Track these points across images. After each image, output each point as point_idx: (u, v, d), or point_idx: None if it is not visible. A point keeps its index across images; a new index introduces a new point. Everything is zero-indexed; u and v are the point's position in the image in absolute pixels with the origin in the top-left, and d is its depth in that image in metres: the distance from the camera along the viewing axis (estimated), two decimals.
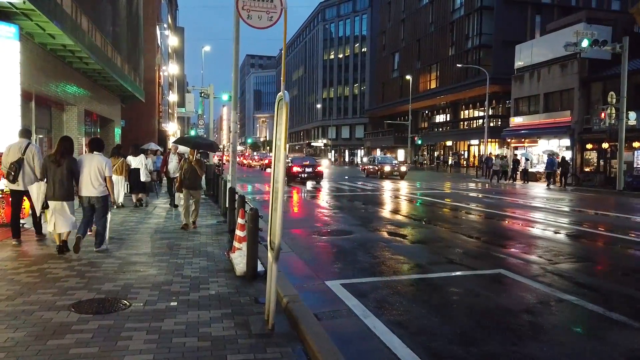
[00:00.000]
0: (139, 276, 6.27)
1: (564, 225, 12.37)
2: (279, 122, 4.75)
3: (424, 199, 18.68)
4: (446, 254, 8.54)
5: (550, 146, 31.75)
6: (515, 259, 8.17)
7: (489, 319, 5.25)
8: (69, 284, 5.81)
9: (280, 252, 4.55)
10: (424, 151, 60.88)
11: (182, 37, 71.90)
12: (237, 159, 11.34)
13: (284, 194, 4.53)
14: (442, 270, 7.40)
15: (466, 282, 6.72)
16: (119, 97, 24.26)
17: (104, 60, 16.11)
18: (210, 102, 23.37)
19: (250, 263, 6.28)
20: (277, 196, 4.50)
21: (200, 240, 8.96)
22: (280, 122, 4.71)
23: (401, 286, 6.48)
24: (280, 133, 4.58)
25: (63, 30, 11.66)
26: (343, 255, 8.38)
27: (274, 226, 4.62)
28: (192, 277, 6.33)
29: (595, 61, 29.15)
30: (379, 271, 7.29)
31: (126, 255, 7.44)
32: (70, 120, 16.95)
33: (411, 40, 60.82)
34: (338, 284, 6.44)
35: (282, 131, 4.48)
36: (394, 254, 8.54)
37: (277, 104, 4.81)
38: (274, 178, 4.83)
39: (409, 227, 11.57)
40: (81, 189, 7.48)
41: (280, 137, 4.56)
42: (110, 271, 6.49)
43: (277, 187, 4.57)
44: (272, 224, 4.79)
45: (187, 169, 10.24)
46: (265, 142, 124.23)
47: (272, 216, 4.76)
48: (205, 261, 7.26)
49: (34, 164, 8.00)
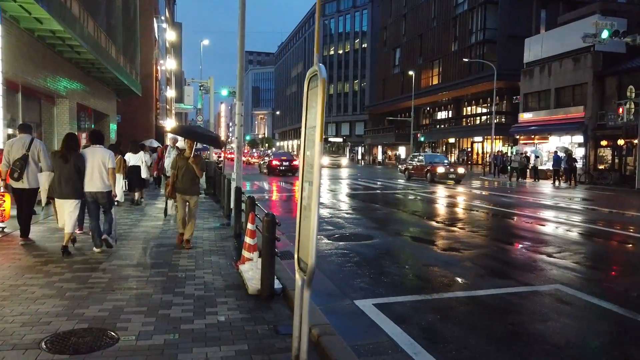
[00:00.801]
0: (132, 296, 5.19)
1: (607, 230, 11.32)
2: (311, 106, 3.68)
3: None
4: (487, 265, 7.47)
5: (562, 143, 30.67)
6: (568, 271, 7.08)
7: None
8: (45, 308, 4.74)
9: (314, 274, 3.47)
10: (424, 148, 59.80)
11: (180, 32, 70.70)
12: (242, 156, 10.22)
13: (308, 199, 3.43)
14: (489, 284, 6.33)
15: (524, 302, 5.64)
16: (115, 90, 23.17)
17: (97, 49, 15.00)
18: (211, 96, 22.27)
19: (266, 280, 5.21)
20: (311, 202, 3.41)
21: (203, 247, 7.88)
22: (312, 105, 3.64)
23: (447, 307, 5.42)
24: (314, 119, 3.51)
25: (50, 14, 10.56)
26: (368, 266, 7.30)
27: (306, 240, 3.54)
28: (195, 296, 5.25)
29: (610, 54, 28.12)
30: (415, 287, 6.23)
31: (117, 268, 6.36)
32: (61, 114, 15.85)
33: (413, 36, 59.70)
34: (370, 305, 5.37)
35: (317, 117, 3.40)
36: (425, 264, 7.48)
37: (308, 81, 3.73)
38: (303, 178, 3.75)
39: (436, 231, 10.52)
40: (86, 184, 7.15)
41: (315, 124, 3.49)
42: (97, 289, 5.41)
43: (310, 191, 3.50)
44: (301, 236, 3.72)
45: (182, 167, 7.77)
46: (264, 139, 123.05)
47: (302, 227, 3.69)
48: (211, 274, 6.18)
49: (40, 160, 7.65)
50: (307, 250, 3.46)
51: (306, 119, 3.76)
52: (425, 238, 9.69)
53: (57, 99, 15.38)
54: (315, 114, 3.48)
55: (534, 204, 16.26)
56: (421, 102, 55.05)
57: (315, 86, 3.55)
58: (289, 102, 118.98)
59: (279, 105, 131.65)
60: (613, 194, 21.37)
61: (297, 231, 3.78)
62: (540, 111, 33.26)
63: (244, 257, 6.53)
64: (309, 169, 3.61)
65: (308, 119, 3.72)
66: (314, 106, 3.55)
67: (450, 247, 8.75)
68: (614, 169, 27.78)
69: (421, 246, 9.02)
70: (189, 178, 7.76)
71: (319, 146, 3.39)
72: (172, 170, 7.97)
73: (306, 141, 3.74)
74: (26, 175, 7.56)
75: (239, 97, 9.87)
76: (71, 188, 6.96)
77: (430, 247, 8.80)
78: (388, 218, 12.55)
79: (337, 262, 7.45)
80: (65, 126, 15.55)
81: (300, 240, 3.73)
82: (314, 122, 3.54)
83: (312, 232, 3.37)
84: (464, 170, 27.90)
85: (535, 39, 34.43)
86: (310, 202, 3.44)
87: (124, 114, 27.12)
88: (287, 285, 5.49)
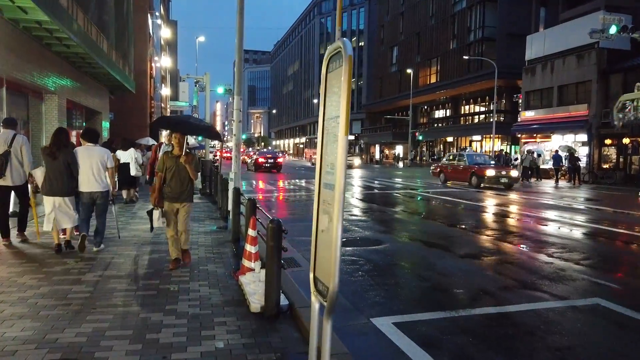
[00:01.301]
0: (116, 315, 4.50)
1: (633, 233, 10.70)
2: (331, 92, 3.00)
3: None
4: (513, 275, 6.82)
5: (565, 141, 30.07)
6: (604, 282, 6.42)
7: None
8: (12, 332, 4.04)
9: (336, 300, 2.79)
10: (422, 147, 59.20)
11: (175, 30, 69.91)
12: (240, 154, 9.51)
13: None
14: (521, 298, 5.65)
15: (564, 321, 4.96)
16: (107, 87, 22.40)
17: (87, 43, 14.25)
18: (207, 93, 21.47)
19: (271, 296, 4.53)
20: (333, 211, 2.73)
21: (199, 253, 7.19)
22: (333, 91, 2.97)
23: (478, 327, 4.75)
24: (336, 108, 2.84)
25: (35, 2, 9.82)
26: (380, 275, 6.63)
27: (325, 258, 2.87)
28: (190, 315, 4.57)
29: (614, 51, 27.55)
30: (437, 302, 5.55)
31: (101, 279, 5.66)
32: (50, 110, 15.09)
33: (410, 34, 59.04)
34: (390, 324, 4.71)
35: (342, 105, 2.73)
36: (442, 272, 6.82)
37: (327, 62, 3.06)
38: (320, 180, 3.08)
39: (449, 235, 9.87)
40: (81, 184, 6.93)
41: (337, 114, 2.82)
42: (76, 305, 4.72)
43: (331, 197, 2.82)
44: (318, 252, 3.05)
45: (171, 168, 6.18)
46: (260, 138, 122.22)
47: (320, 240, 3.03)
48: (207, 287, 5.50)
49: (23, 157, 7.34)
50: (328, 270, 2.79)
51: (324, 108, 3.09)
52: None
53: (45, 94, 14.65)
54: (338, 102, 2.81)
55: (565, 207, 15.65)
56: (419, 100, 54.41)
57: (338, 67, 2.88)
58: (285, 101, 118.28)
59: (275, 104, 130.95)
60: (624, 194, 20.76)
61: (312, 245, 3.11)
62: (543, 109, 32.65)
63: (244, 267, 5.87)
64: (329, 169, 2.94)
65: (327, 107, 3.05)
66: (336, 92, 2.88)
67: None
68: (618, 168, 27.22)
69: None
70: (180, 181, 6.21)
71: (343, 141, 2.72)
72: (158, 172, 6.31)
73: (324, 135, 3.06)
74: (9, 172, 7.20)
75: (237, 90, 9.16)
76: (62, 185, 6.74)
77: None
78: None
79: (359, 284, 6.77)
80: (54, 123, 14.81)
81: (317, 256, 3.06)
82: (335, 111, 2.86)
83: (335, 248, 2.70)
84: (517, 173, 23.41)
85: (537, 36, 33.81)
86: (332, 211, 2.76)
87: (117, 112, 26.39)
88: (295, 300, 4.82)
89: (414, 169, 43.20)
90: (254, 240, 5.88)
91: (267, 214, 5.85)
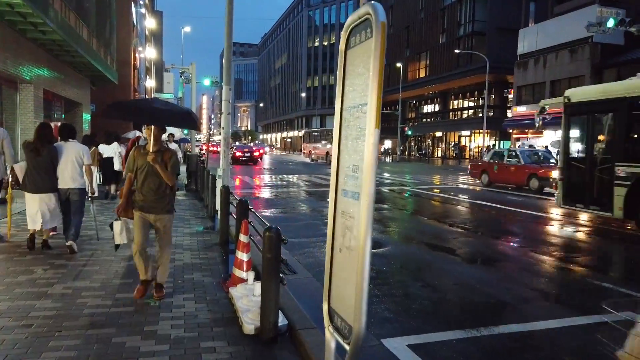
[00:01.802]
0: (85, 341, 3.80)
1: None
2: (353, 73, 2.35)
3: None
4: (530, 283, 6.24)
5: (558, 137, 29.71)
6: (625, 289, 5.88)
7: None
8: None
9: (361, 342, 2.15)
10: (410, 142, 58.84)
11: (161, 21, 68.63)
12: (229, 149, 8.80)
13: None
14: (545, 313, 5.05)
15: (598, 341, 4.38)
16: (88, 78, 21.45)
17: (65, 30, 13.39)
18: (193, 84, 20.64)
19: (268, 317, 3.88)
20: (360, 230, 2.09)
21: (184, 259, 6.50)
22: (356, 72, 2.31)
23: (504, 349, 4.15)
24: (360, 94, 2.19)
25: None
26: (386, 284, 6.01)
27: (349, 288, 2.22)
28: (172, 339, 3.89)
29: (608, 46, 27.23)
30: (453, 318, 4.94)
31: (72, 292, 4.96)
32: (25, 101, 14.21)
33: (400, 28, 58.49)
34: (404, 346, 4.08)
35: (371, 90, 2.07)
36: (457, 281, 6.23)
37: (346, 35, 2.41)
38: (337, 185, 2.43)
39: (453, 238, 9.28)
40: (58, 180, 6.62)
41: (363, 101, 2.16)
42: (39, 326, 4.02)
43: (359, 208, 2.16)
44: (334, 280, 2.40)
45: (143, 168, 4.73)
46: (247, 132, 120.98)
47: (337, 266, 2.38)
48: (193, 301, 4.82)
49: (4, 150, 7.09)
50: (351, 303, 2.14)
51: (343, 94, 2.43)
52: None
53: (20, 84, 13.77)
54: (365, 85, 2.16)
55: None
56: (408, 95, 53.93)
57: (365, 39, 2.22)
58: (273, 94, 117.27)
59: (263, 98, 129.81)
60: None
61: (327, 268, 2.46)
62: (535, 104, 32.23)
63: (235, 277, 5.23)
64: (350, 172, 2.28)
65: (348, 94, 2.38)
66: (362, 73, 2.22)
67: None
68: None
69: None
70: (155, 187, 4.74)
71: (373, 136, 2.06)
72: (127, 172, 4.91)
73: (343, 129, 2.40)
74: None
75: (226, 79, 8.44)
76: (49, 182, 6.51)
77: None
78: None
79: None
80: (30, 115, 13.97)
81: (333, 283, 2.41)
82: (360, 97, 2.20)
83: (362, 276, 2.05)
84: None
85: (529, 30, 33.43)
86: (358, 227, 2.11)
87: (99, 104, 25.41)
88: (295, 320, 4.18)
89: (403, 164, 42.64)
90: (246, 247, 5.25)
91: (262, 219, 5.20)
